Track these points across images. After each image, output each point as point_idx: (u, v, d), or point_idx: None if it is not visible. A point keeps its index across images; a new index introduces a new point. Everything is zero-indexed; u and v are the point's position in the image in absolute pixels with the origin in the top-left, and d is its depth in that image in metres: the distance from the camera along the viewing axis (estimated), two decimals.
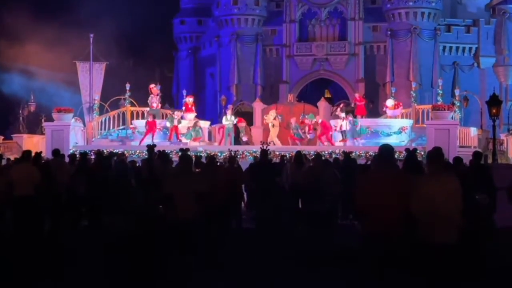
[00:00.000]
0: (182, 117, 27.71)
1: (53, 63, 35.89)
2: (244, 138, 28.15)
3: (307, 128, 27.11)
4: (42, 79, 38.01)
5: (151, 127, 26.66)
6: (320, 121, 26.82)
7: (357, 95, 29.72)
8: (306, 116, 27.39)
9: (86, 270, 9.90)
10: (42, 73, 37.83)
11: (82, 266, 10.16)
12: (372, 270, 6.76)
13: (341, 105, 28.42)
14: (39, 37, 35.26)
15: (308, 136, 27.11)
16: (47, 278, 9.44)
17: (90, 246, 11.61)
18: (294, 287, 9.10)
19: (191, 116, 28.59)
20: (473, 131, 28.00)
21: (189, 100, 29.33)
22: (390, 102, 27.93)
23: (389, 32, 40.51)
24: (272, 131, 27.60)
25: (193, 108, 29.14)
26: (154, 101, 28.61)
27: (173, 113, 28.11)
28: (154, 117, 28.81)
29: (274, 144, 25.93)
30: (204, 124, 29.21)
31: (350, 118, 26.18)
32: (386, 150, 7.04)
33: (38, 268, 9.98)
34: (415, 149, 13.56)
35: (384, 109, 28.43)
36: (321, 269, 9.90)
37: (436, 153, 7.01)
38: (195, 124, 27.27)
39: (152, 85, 28.92)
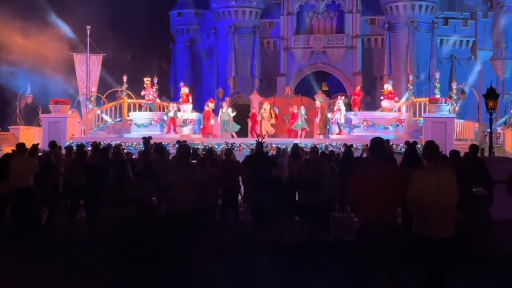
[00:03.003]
0: (179, 109, 27.66)
1: (50, 55, 35.75)
2: (212, 121, 27.82)
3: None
4: (39, 71, 37.88)
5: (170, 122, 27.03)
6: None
7: (357, 88, 29.75)
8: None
9: (82, 262, 9.91)
10: (38, 64, 37.69)
11: (79, 258, 10.18)
12: (367, 262, 6.76)
13: (343, 98, 28.52)
14: (37, 28, 35.10)
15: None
16: (44, 268, 9.46)
17: (88, 238, 11.63)
18: (290, 278, 9.13)
19: (188, 107, 28.43)
20: (470, 124, 28.00)
21: (184, 90, 28.92)
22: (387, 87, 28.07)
23: (386, 25, 40.44)
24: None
25: (189, 98, 28.71)
26: (148, 93, 28.53)
27: (169, 105, 27.98)
28: (150, 109, 28.79)
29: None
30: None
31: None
32: (378, 143, 6.98)
33: (35, 259, 10.00)
34: (415, 142, 13.50)
35: (382, 97, 28.58)
36: (317, 261, 9.94)
37: (432, 147, 7.01)
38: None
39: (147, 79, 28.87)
